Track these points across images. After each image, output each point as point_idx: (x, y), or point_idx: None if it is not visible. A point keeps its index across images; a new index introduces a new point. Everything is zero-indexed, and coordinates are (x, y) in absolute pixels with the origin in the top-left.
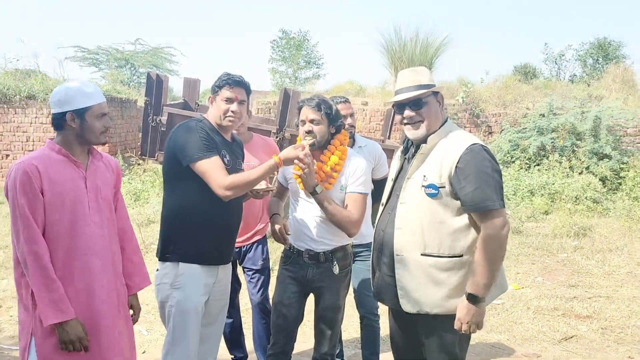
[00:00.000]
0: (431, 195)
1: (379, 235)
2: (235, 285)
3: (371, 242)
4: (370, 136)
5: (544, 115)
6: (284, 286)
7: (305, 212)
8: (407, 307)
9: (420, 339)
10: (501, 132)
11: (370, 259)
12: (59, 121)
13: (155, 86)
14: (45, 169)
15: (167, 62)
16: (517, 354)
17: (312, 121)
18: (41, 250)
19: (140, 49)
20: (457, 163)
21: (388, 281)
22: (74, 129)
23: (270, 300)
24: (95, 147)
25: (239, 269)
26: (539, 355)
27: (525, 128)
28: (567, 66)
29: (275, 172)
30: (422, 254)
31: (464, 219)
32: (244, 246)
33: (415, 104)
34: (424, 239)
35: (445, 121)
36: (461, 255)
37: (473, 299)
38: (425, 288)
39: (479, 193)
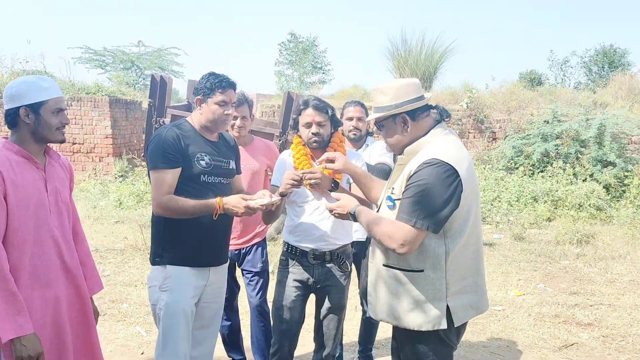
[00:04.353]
0: (389, 208)
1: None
2: (234, 287)
3: None
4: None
5: (548, 122)
6: (288, 290)
7: (315, 212)
8: (373, 314)
9: None
10: (505, 138)
11: None
12: (12, 117)
13: (159, 88)
14: (7, 172)
15: (173, 64)
16: None
17: (319, 123)
18: (2, 261)
19: (144, 50)
20: (410, 175)
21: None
22: (29, 125)
23: (269, 303)
24: (51, 147)
25: (238, 271)
26: None
27: (530, 134)
28: (573, 73)
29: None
30: (384, 265)
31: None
32: (243, 248)
33: (377, 125)
34: (387, 250)
35: (428, 132)
36: (422, 270)
37: (352, 216)
38: (387, 299)
39: (404, 203)
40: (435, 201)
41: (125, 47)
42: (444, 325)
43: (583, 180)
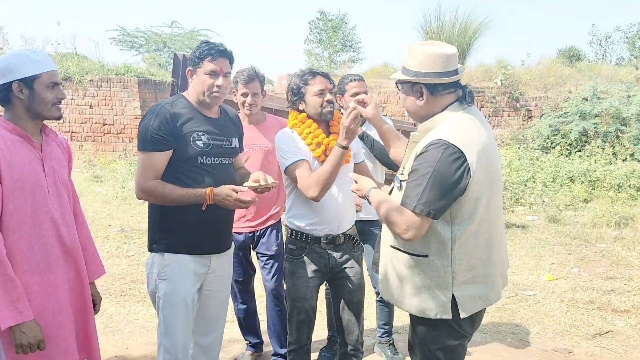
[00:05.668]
0: (398, 189)
1: None
2: (249, 270)
3: None
4: (403, 119)
5: (587, 99)
6: (304, 281)
7: (330, 194)
8: (382, 292)
9: None
10: (541, 116)
11: None
12: (4, 93)
13: (182, 67)
14: (2, 152)
15: None
16: (547, 349)
17: (330, 91)
18: None
19: (177, 32)
20: (417, 156)
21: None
22: (23, 101)
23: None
24: (48, 125)
25: (253, 255)
26: (571, 350)
27: (567, 112)
28: (614, 49)
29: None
30: (391, 246)
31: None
32: (257, 231)
33: (399, 85)
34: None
35: (445, 109)
36: (426, 256)
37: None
38: (393, 280)
39: (407, 186)
40: (438, 186)
41: (158, 27)
42: (448, 314)
43: (623, 160)
